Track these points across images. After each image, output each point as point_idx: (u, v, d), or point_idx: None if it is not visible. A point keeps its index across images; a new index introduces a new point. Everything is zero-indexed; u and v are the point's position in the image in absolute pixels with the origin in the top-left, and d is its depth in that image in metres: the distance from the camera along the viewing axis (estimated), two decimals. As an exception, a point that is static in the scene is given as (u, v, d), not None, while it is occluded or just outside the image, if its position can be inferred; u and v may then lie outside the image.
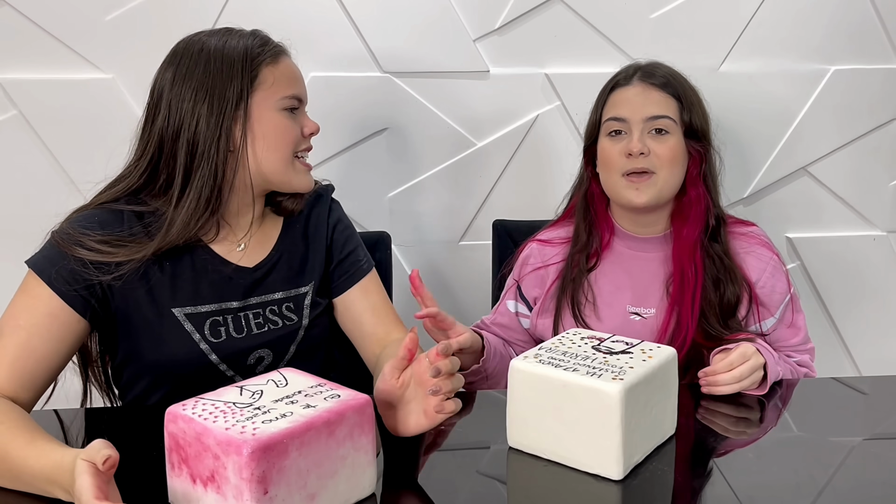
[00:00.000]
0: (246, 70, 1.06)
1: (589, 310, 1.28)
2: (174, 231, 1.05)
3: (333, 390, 0.82)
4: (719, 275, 1.24)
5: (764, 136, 1.74)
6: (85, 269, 1.01)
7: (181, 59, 1.07)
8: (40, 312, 1.00)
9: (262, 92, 1.07)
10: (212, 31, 1.12)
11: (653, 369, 0.89)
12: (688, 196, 1.27)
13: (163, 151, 1.07)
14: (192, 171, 1.06)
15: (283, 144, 1.09)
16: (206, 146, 1.05)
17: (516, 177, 1.73)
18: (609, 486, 0.85)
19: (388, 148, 1.70)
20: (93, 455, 0.73)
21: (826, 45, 1.70)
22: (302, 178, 1.13)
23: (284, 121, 1.09)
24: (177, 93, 1.05)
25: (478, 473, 0.90)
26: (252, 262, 1.14)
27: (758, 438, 1.00)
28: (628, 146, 1.23)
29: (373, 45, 1.64)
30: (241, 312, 1.12)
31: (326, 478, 0.77)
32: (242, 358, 1.12)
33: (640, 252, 1.30)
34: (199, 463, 0.74)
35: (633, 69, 1.30)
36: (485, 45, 1.67)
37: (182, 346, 1.08)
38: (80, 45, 1.58)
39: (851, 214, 1.79)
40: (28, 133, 1.60)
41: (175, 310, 1.08)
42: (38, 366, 0.99)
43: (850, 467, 0.91)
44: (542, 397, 0.89)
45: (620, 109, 1.26)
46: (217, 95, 1.05)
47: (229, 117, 1.05)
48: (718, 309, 1.23)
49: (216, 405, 0.78)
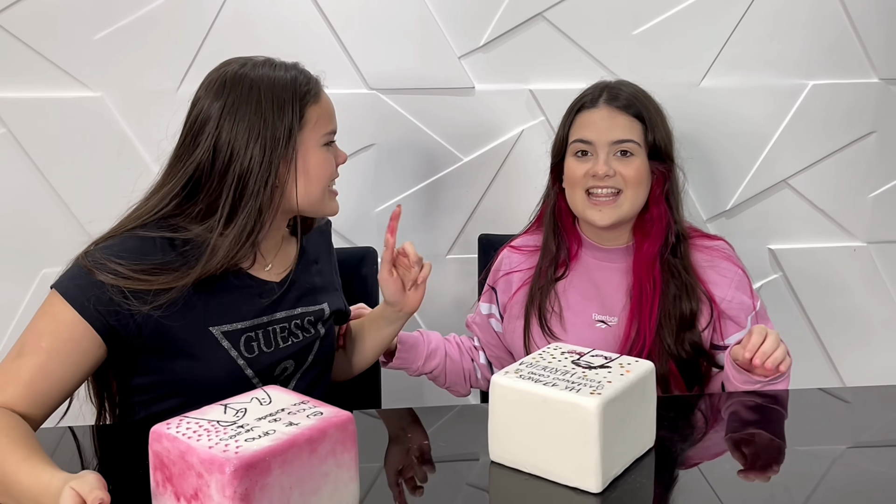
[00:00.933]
0: (295, 110, 1.10)
1: (555, 319, 1.33)
2: (217, 260, 1.06)
3: (316, 408, 0.83)
4: (678, 289, 1.28)
5: (745, 149, 1.76)
6: (124, 299, 1.01)
7: (230, 92, 1.08)
8: (64, 337, 1.00)
9: (308, 131, 1.12)
10: (253, 61, 1.12)
11: (631, 383, 0.91)
12: (650, 214, 1.32)
13: (202, 181, 1.08)
14: (238, 204, 1.08)
15: (324, 178, 1.14)
16: (255, 182, 1.07)
17: (502, 191, 1.75)
18: (588, 500, 0.86)
19: (375, 163, 1.72)
20: (84, 489, 0.75)
21: (804, 61, 1.73)
22: (334, 204, 1.20)
23: (325, 155, 1.14)
24: (227, 127, 1.07)
25: (463, 486, 0.91)
26: (278, 278, 1.18)
27: (739, 450, 1.01)
28: (594, 168, 1.28)
29: (359, 63, 1.66)
30: (270, 327, 1.15)
31: (309, 494, 0.78)
32: (271, 370, 1.15)
33: (606, 262, 1.35)
34: (183, 481, 0.75)
35: (599, 90, 1.34)
36: (470, 62, 1.69)
37: (221, 363, 1.09)
38: (69, 64, 1.60)
39: (832, 226, 1.81)
40: (17, 151, 1.61)
41: (212, 328, 1.09)
42: (54, 388, 0.99)
43: (832, 477, 0.92)
44: (523, 412, 0.90)
45: (587, 132, 1.30)
46: (269, 136, 1.08)
47: (279, 156, 1.08)
48: (676, 322, 1.27)
49: (200, 423, 0.79)
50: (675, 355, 1.26)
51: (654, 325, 1.26)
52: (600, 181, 1.28)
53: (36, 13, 1.57)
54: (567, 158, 1.33)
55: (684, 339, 1.26)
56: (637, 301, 1.28)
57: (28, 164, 1.62)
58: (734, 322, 1.30)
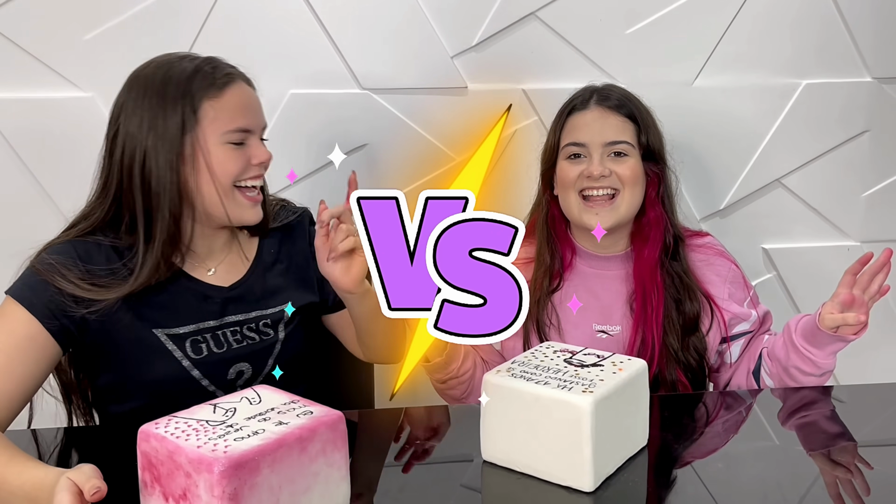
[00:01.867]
0: (187, 104, 1.06)
1: (553, 332, 1.30)
2: (144, 274, 1.06)
3: (306, 407, 0.83)
4: (679, 293, 1.27)
5: (738, 149, 1.76)
6: (63, 300, 1.03)
7: (130, 90, 1.09)
8: (19, 335, 1.01)
9: (206, 126, 1.07)
10: (166, 58, 1.11)
11: (623, 381, 0.90)
12: (647, 217, 1.30)
13: (122, 186, 1.08)
14: (151, 212, 1.07)
15: (222, 177, 1.08)
16: (159, 183, 1.06)
17: (495, 191, 1.74)
18: (581, 498, 0.86)
19: (368, 164, 1.71)
20: (80, 479, 0.75)
21: (797, 60, 1.73)
22: (243, 211, 1.12)
23: (226, 153, 1.08)
24: (125, 125, 1.07)
25: (455, 486, 0.91)
26: (227, 283, 1.17)
27: (731, 448, 1.01)
28: (588, 169, 1.26)
29: (351, 63, 1.66)
30: (220, 330, 1.15)
31: (299, 494, 0.77)
32: (223, 372, 1.14)
33: (603, 270, 1.33)
34: (172, 481, 0.75)
35: (589, 92, 1.33)
36: (463, 62, 1.69)
37: (165, 364, 1.10)
38: (59, 64, 1.59)
39: (825, 225, 1.81)
40: (6, 151, 1.60)
41: (156, 331, 1.10)
42: (16, 388, 0.99)
43: (826, 476, 0.92)
44: (515, 410, 0.90)
45: (579, 134, 1.29)
46: (161, 132, 1.05)
47: (174, 153, 1.06)
48: (680, 326, 1.26)
49: (189, 423, 0.78)
50: (683, 362, 1.25)
51: (661, 331, 1.24)
52: (595, 182, 1.26)
53: (26, 13, 1.56)
54: (559, 162, 1.32)
55: (689, 345, 1.26)
56: (641, 308, 1.26)
57: (18, 165, 1.61)
58: (738, 318, 1.31)
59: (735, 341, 1.32)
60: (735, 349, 1.32)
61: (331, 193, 1.71)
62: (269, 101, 1.61)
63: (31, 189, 1.62)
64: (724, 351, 1.32)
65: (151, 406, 1.09)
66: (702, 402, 1.19)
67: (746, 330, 1.32)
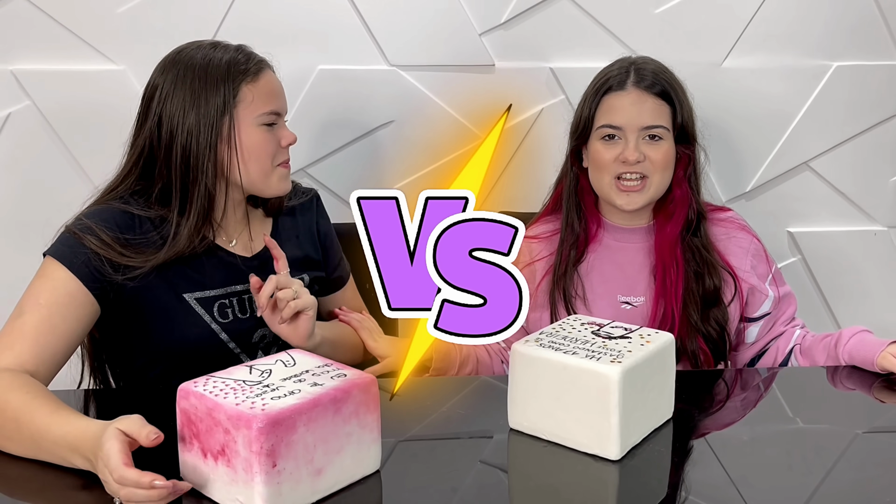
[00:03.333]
0: (228, 88, 1.13)
1: (579, 303, 1.32)
2: (180, 246, 1.12)
3: (340, 370, 0.84)
4: (699, 267, 1.29)
5: (766, 131, 1.75)
6: (100, 264, 1.07)
7: (170, 71, 1.15)
8: (60, 293, 1.04)
9: (243, 109, 1.14)
10: (200, 43, 1.18)
11: (651, 353, 0.91)
12: (673, 195, 1.32)
13: (155, 160, 1.14)
14: (188, 186, 1.13)
15: (262, 157, 1.16)
16: (198, 160, 1.12)
17: (520, 169, 1.75)
18: (607, 466, 0.87)
19: (394, 140, 1.72)
20: (132, 428, 0.78)
21: (828, 42, 1.72)
22: (282, 182, 1.20)
23: (263, 135, 1.16)
24: (166, 105, 1.13)
25: (482, 453, 0.92)
26: (249, 252, 1.23)
27: (756, 424, 1.02)
28: (624, 154, 1.27)
29: (380, 39, 1.67)
30: (246, 295, 1.19)
31: (333, 454, 0.79)
32: (248, 336, 1.19)
33: (627, 243, 1.35)
34: (210, 437, 0.77)
35: (625, 70, 1.31)
36: (490, 39, 1.69)
37: (195, 327, 1.15)
38: (93, 37, 1.61)
39: (853, 209, 1.80)
40: (41, 123, 1.63)
41: (186, 295, 1.14)
42: (59, 342, 1.02)
43: (847, 456, 0.92)
44: (543, 380, 0.91)
45: (616, 117, 1.29)
46: (203, 112, 1.12)
47: (216, 132, 1.12)
48: (700, 299, 1.28)
49: (227, 383, 0.80)
50: (703, 332, 1.28)
51: (680, 304, 1.26)
52: (630, 167, 1.27)
53: (61, -14, 1.58)
54: (593, 142, 1.32)
55: (710, 317, 1.28)
56: (661, 281, 1.28)
57: (52, 136, 1.63)
58: (757, 290, 1.32)
59: (755, 322, 1.33)
60: (754, 329, 1.33)
61: (355, 169, 1.73)
62: (297, 77, 1.64)
63: (64, 159, 1.64)
64: (742, 330, 1.34)
65: (180, 368, 1.13)
66: (727, 379, 1.20)
67: (766, 312, 1.33)
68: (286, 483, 0.75)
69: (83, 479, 0.83)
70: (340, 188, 1.73)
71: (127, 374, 1.21)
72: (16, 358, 0.98)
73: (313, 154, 1.71)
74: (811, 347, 1.26)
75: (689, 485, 0.87)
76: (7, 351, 0.98)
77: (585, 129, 1.33)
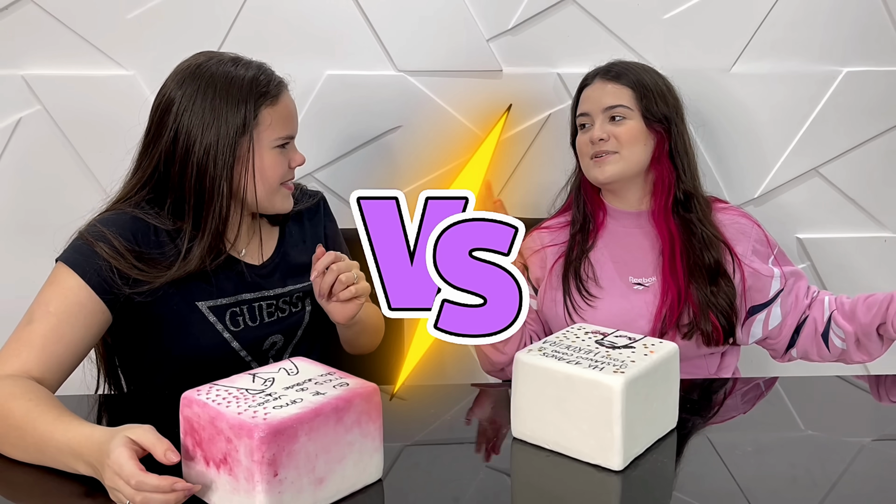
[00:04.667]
0: (249, 109, 1.12)
1: (592, 285, 1.37)
2: (192, 263, 1.11)
3: (342, 379, 0.85)
4: (698, 241, 1.35)
5: (775, 136, 1.74)
6: (111, 275, 1.06)
7: (191, 83, 1.12)
8: (70, 301, 1.04)
9: (262, 131, 1.14)
10: (221, 58, 1.16)
11: (654, 363, 0.91)
12: (651, 173, 1.41)
13: (169, 171, 1.13)
14: (203, 206, 1.12)
15: (273, 178, 1.17)
16: (214, 180, 1.11)
17: (528, 175, 1.75)
18: (610, 477, 0.87)
19: (402, 145, 1.72)
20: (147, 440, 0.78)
21: (838, 47, 1.70)
22: (284, 201, 1.20)
23: (276, 157, 1.16)
24: (184, 120, 1.11)
25: (484, 462, 0.92)
26: (258, 261, 1.23)
27: (761, 434, 1.01)
28: (591, 134, 1.38)
29: (387, 44, 1.67)
30: (256, 303, 1.20)
31: (334, 462, 0.80)
32: (258, 343, 1.20)
33: (632, 227, 1.41)
34: (213, 446, 0.77)
35: (596, 70, 1.45)
36: (498, 45, 1.69)
37: (207, 336, 1.15)
38: (102, 42, 1.62)
39: (862, 216, 1.79)
40: (51, 127, 1.64)
41: (199, 303, 1.15)
42: (66, 351, 1.02)
43: (855, 466, 0.92)
44: (546, 389, 0.91)
45: (584, 106, 1.43)
46: (223, 131, 1.11)
47: (232, 154, 1.12)
48: (704, 271, 1.33)
49: (229, 391, 0.81)
50: (714, 305, 1.31)
51: (686, 278, 1.32)
52: (599, 146, 1.37)
53: (71, -8, 1.60)
54: (578, 134, 1.44)
55: (719, 289, 1.32)
56: (669, 259, 1.35)
57: (62, 141, 1.65)
58: (763, 274, 1.35)
59: (773, 303, 1.36)
60: (776, 310, 1.37)
61: (362, 174, 1.74)
62: (305, 82, 1.65)
63: (74, 164, 1.65)
64: (767, 316, 1.36)
65: (191, 375, 1.13)
66: (730, 387, 1.19)
67: (779, 289, 1.37)
68: (287, 492, 0.75)
69: (86, 486, 0.83)
70: (347, 193, 1.71)
71: (138, 380, 1.21)
72: (22, 365, 0.98)
73: (321, 159, 1.71)
74: (854, 308, 1.28)
75: (693, 496, 0.86)
76: (13, 358, 0.99)
77: (574, 127, 1.47)
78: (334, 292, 1.12)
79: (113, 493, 0.79)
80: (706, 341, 1.30)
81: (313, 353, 1.28)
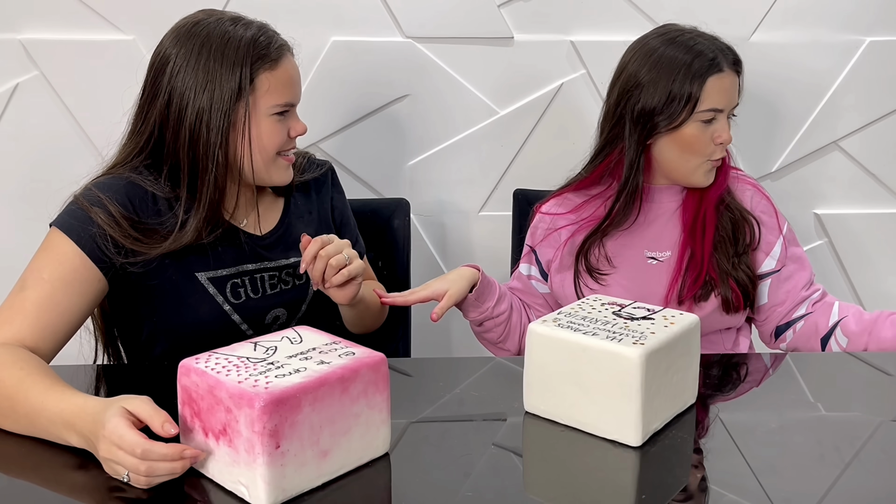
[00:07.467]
0: (245, 74, 1.06)
1: (604, 263, 1.30)
2: (187, 235, 1.07)
3: (348, 348, 0.81)
4: (730, 222, 1.28)
5: (794, 109, 1.69)
6: (105, 244, 1.02)
7: (186, 41, 1.07)
8: (65, 268, 1.00)
9: (258, 97, 1.08)
10: (220, 16, 1.10)
11: (675, 335, 0.87)
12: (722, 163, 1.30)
13: (165, 139, 1.08)
14: (198, 174, 1.07)
15: (270, 147, 1.10)
16: (208, 147, 1.06)
17: (539, 146, 1.70)
18: (627, 453, 0.83)
19: (409, 115, 1.68)
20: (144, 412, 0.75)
21: (861, 16, 1.65)
22: (281, 173, 1.14)
23: (274, 125, 1.10)
24: (177, 81, 1.06)
25: (496, 437, 0.89)
26: (261, 232, 1.18)
27: (780, 411, 0.97)
28: (723, 136, 1.24)
29: (395, 9, 1.62)
30: (258, 274, 1.16)
31: (340, 435, 0.76)
32: (260, 317, 1.16)
33: (655, 202, 1.32)
34: (212, 416, 0.74)
35: (721, 51, 1.25)
36: (509, 11, 1.63)
37: (207, 307, 1.11)
38: (102, 7, 1.57)
39: (883, 191, 1.74)
40: (49, 93, 1.60)
41: (199, 274, 1.11)
42: (61, 319, 0.99)
43: (873, 445, 0.88)
44: (561, 362, 0.87)
45: (721, 99, 1.23)
46: (215, 94, 1.05)
47: (227, 119, 1.06)
48: (730, 243, 1.27)
49: (229, 359, 0.77)
50: (734, 276, 1.25)
51: (710, 249, 1.25)
52: (721, 151, 1.26)
53: (69, -47, 1.55)
54: (692, 123, 1.23)
55: (739, 263, 1.26)
56: (690, 230, 1.27)
57: (59, 106, 1.61)
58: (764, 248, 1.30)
59: (762, 281, 1.29)
60: (763, 288, 1.30)
61: (369, 142, 1.69)
62: (310, 49, 1.60)
63: (72, 131, 1.62)
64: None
65: (190, 347, 1.09)
66: (751, 363, 1.15)
67: (772, 269, 1.30)
68: (290, 465, 0.72)
69: (80, 458, 0.80)
70: (354, 163, 1.69)
71: (136, 351, 1.18)
72: (15, 334, 0.95)
73: (326, 128, 1.67)
74: (875, 322, 1.21)
75: (712, 473, 0.82)
76: (6, 326, 0.95)
77: (683, 108, 1.22)
78: (327, 278, 1.07)
79: (108, 464, 0.75)
80: (726, 308, 1.24)
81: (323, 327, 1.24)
